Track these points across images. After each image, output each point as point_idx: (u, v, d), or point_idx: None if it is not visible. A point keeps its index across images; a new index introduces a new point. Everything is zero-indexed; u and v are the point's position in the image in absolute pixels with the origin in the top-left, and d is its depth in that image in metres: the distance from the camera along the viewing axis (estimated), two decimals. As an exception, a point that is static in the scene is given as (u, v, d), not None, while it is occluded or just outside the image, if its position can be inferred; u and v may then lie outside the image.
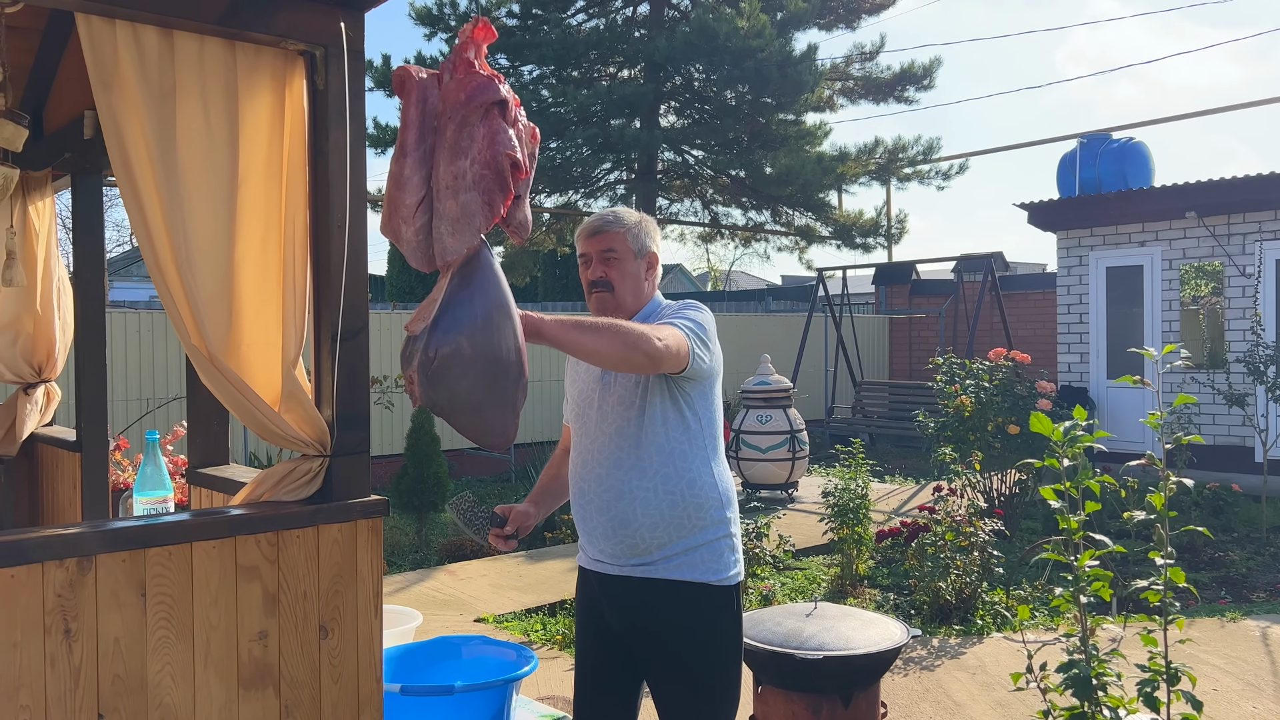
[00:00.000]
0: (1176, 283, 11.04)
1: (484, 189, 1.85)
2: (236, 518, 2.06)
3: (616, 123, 12.59)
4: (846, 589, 5.98)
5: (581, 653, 2.43)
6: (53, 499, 3.83)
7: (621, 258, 2.33)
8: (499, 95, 1.84)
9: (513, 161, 1.85)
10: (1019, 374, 7.33)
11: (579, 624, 2.45)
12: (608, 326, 2.05)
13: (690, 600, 2.24)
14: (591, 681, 2.39)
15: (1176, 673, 2.15)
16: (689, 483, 2.25)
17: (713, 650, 2.25)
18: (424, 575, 6.44)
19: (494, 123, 1.85)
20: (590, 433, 2.33)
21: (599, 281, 2.33)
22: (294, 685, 2.10)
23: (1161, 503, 2.15)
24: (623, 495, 2.24)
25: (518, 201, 1.91)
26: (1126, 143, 11.69)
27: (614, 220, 2.35)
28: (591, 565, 2.39)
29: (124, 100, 1.97)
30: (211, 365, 2.06)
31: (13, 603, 1.78)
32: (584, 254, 2.36)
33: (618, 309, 2.33)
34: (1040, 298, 14.74)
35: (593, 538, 2.33)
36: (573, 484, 2.41)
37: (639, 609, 2.28)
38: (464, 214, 1.85)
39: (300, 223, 2.17)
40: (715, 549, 2.27)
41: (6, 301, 3.75)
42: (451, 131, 1.85)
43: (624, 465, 2.25)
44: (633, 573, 2.27)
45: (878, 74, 13.92)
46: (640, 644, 2.30)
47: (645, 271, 2.37)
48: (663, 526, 2.23)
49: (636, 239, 2.35)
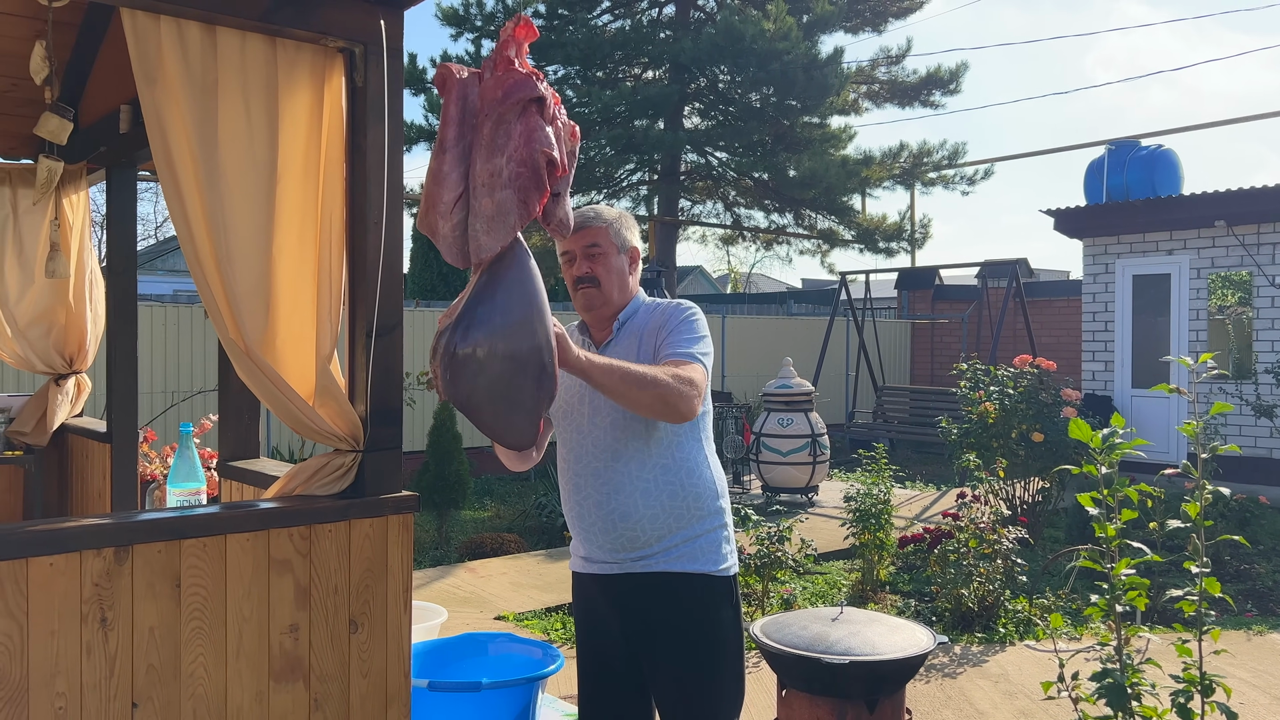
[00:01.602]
0: (1204, 292, 10.93)
1: (520, 186, 1.85)
2: (270, 511, 2.07)
3: (640, 124, 12.59)
4: (867, 594, 5.95)
5: (585, 660, 2.39)
6: (82, 489, 3.87)
7: (606, 253, 2.32)
8: (536, 92, 1.84)
9: (549, 159, 1.85)
10: (1043, 381, 7.28)
11: (579, 630, 2.42)
12: (645, 376, 2.06)
13: (692, 592, 2.24)
14: (599, 690, 2.36)
15: (1211, 684, 2.12)
16: (688, 472, 2.26)
17: (717, 641, 2.25)
18: (444, 572, 6.46)
19: (531, 120, 1.85)
20: (582, 428, 2.31)
21: (585, 278, 2.32)
22: (324, 678, 2.11)
23: (1197, 512, 2.13)
24: (622, 488, 2.23)
25: (556, 199, 1.91)
26: (1156, 150, 11.58)
27: (595, 216, 2.34)
28: (587, 568, 2.36)
29: (167, 94, 1.98)
30: (248, 359, 2.07)
31: (50, 591, 1.80)
32: (567, 251, 2.35)
33: (604, 304, 2.33)
34: (1065, 305, 14.63)
35: (590, 534, 2.30)
36: (566, 483, 2.37)
37: (642, 605, 2.27)
38: (499, 212, 1.85)
39: (337, 219, 2.18)
40: (713, 539, 2.28)
41: (40, 293, 3.79)
42: (489, 129, 1.86)
43: (623, 457, 2.24)
44: (632, 569, 2.26)
45: (904, 78, 13.86)
46: (644, 641, 2.29)
47: (629, 266, 2.37)
48: (663, 518, 2.23)
49: (619, 234, 2.35)
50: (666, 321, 2.29)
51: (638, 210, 14.77)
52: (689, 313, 2.31)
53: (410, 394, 9.05)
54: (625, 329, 2.34)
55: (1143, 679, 2.17)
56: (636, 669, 2.33)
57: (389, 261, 2.18)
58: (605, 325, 2.37)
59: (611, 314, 2.36)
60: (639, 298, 2.40)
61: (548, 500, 8.06)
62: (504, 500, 9.42)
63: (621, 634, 2.31)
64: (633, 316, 2.36)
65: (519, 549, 7.11)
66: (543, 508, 8.05)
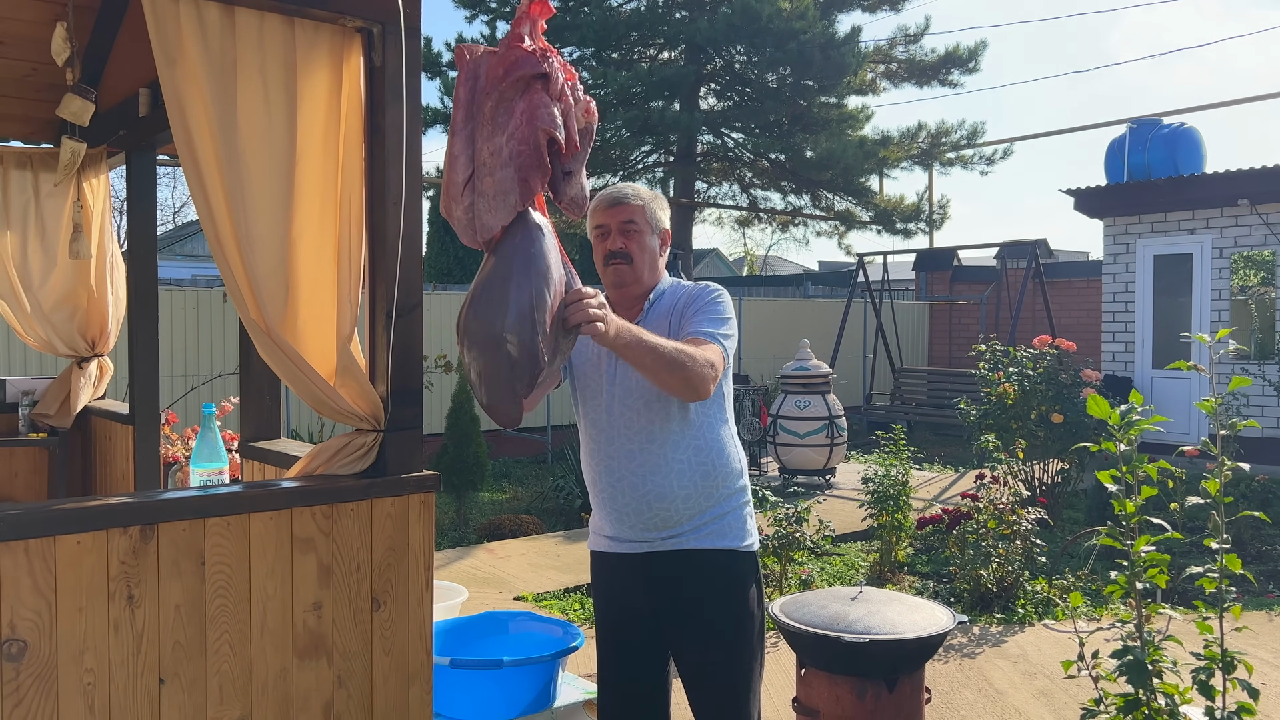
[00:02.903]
0: (1226, 272, 10.81)
1: (520, 165, 1.83)
2: (293, 490, 2.09)
3: (656, 105, 12.54)
4: (885, 575, 5.95)
5: (606, 639, 2.39)
6: (106, 471, 3.91)
7: (641, 230, 2.32)
8: (538, 69, 1.82)
9: (550, 138, 1.83)
10: (1062, 362, 7.24)
11: (600, 611, 2.42)
12: (674, 357, 2.05)
13: (721, 568, 2.27)
14: (618, 668, 2.36)
15: (1233, 660, 2.12)
16: (717, 453, 2.28)
17: (744, 615, 2.27)
18: (464, 553, 6.50)
19: (534, 97, 1.83)
20: (612, 409, 2.30)
21: (618, 253, 2.31)
22: (346, 656, 2.13)
23: (1217, 488, 2.12)
24: (658, 469, 2.24)
25: (569, 177, 1.90)
26: (1178, 128, 11.45)
27: (633, 194, 2.34)
28: (612, 547, 2.35)
29: (186, 75, 1.99)
30: (269, 339, 2.08)
31: (78, 569, 1.82)
32: (601, 225, 2.34)
33: (635, 282, 2.33)
34: (1084, 285, 14.52)
35: (621, 515, 2.29)
36: (595, 464, 2.35)
37: (672, 583, 2.28)
38: (498, 191, 1.84)
39: (356, 199, 2.19)
40: (739, 516, 2.31)
41: (63, 277, 3.83)
42: (490, 107, 1.84)
43: (657, 439, 2.24)
44: (663, 547, 2.27)
45: (922, 57, 13.74)
46: (672, 618, 2.30)
47: (660, 248, 2.37)
48: (696, 497, 2.25)
49: (653, 214, 2.35)
50: (693, 301, 2.30)
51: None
52: (715, 294, 2.31)
53: (428, 377, 9.08)
54: (655, 309, 2.34)
55: (1164, 656, 2.16)
56: (657, 646, 2.34)
57: (408, 241, 2.19)
58: (632, 305, 2.36)
59: (640, 294, 2.35)
60: (666, 279, 2.40)
61: (565, 482, 8.09)
62: (521, 482, 9.46)
63: (648, 611, 2.32)
64: (662, 297, 2.36)
65: (537, 530, 7.15)
66: (560, 490, 8.08)
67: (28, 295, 3.78)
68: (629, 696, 2.35)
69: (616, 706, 2.36)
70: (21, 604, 1.76)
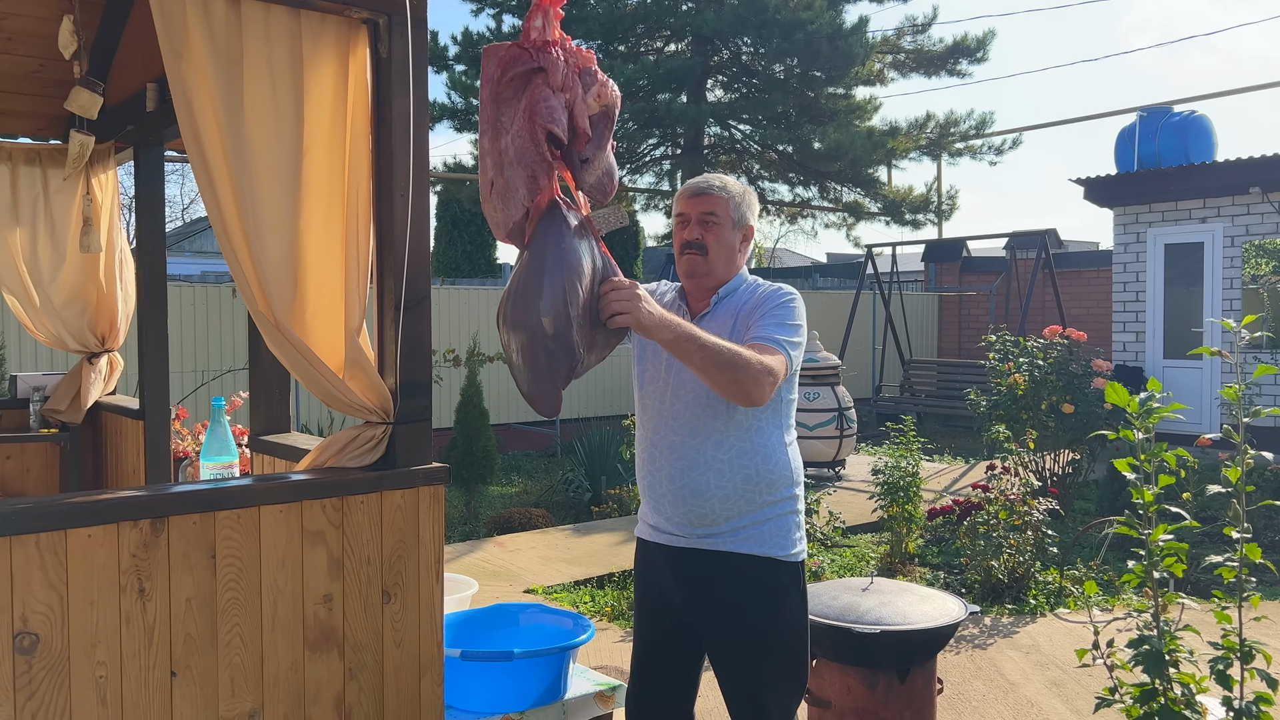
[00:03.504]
0: (1238, 260, 10.75)
1: (525, 163, 1.85)
2: (302, 483, 2.08)
3: (663, 97, 12.51)
4: (896, 567, 5.94)
5: (641, 625, 2.41)
6: (117, 466, 3.92)
7: (721, 223, 2.28)
8: (531, 64, 1.82)
9: (548, 134, 1.83)
10: (1073, 352, 7.21)
11: (638, 596, 2.43)
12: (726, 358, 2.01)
13: (757, 575, 2.21)
14: (651, 654, 2.37)
15: (1251, 650, 2.10)
16: (764, 458, 2.22)
17: (781, 627, 2.21)
18: (473, 546, 6.51)
19: (534, 93, 1.83)
20: (665, 396, 2.28)
21: (693, 243, 2.27)
22: (358, 648, 2.13)
23: (1238, 476, 2.10)
24: (696, 465, 2.21)
25: (587, 165, 1.90)
26: (1189, 116, 11.37)
27: (720, 187, 2.30)
28: (653, 537, 2.35)
29: (193, 68, 1.98)
30: (278, 332, 2.08)
31: (89, 562, 1.82)
32: (682, 214, 2.31)
33: (708, 274, 2.29)
34: (1095, 275, 14.45)
35: (659, 505, 2.29)
36: (642, 450, 2.35)
37: (704, 582, 2.25)
38: (509, 188, 1.86)
39: (363, 191, 2.18)
40: (783, 524, 2.24)
41: (73, 272, 3.83)
42: (492, 109, 1.86)
43: (701, 434, 2.21)
44: (698, 544, 2.24)
45: (930, 46, 13.67)
46: (704, 618, 2.27)
47: (740, 243, 2.32)
48: (734, 499, 2.20)
49: (738, 209, 2.30)
50: (764, 303, 2.24)
51: (661, 185, 14.71)
52: (788, 298, 2.26)
53: (437, 371, 9.09)
54: (723, 304, 2.30)
55: (1180, 646, 2.14)
56: (689, 640, 2.33)
57: (416, 234, 2.18)
58: (704, 296, 2.32)
59: (712, 286, 2.31)
60: (742, 275, 2.36)
61: (574, 476, 8.09)
62: (531, 476, 9.46)
63: (682, 606, 2.30)
64: (733, 293, 2.31)
65: (546, 524, 7.15)
66: (570, 483, 8.08)
67: (38, 291, 3.79)
68: (654, 686, 2.35)
69: (642, 694, 2.36)
70: (33, 597, 1.77)
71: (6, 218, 3.72)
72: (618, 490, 7.46)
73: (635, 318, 1.92)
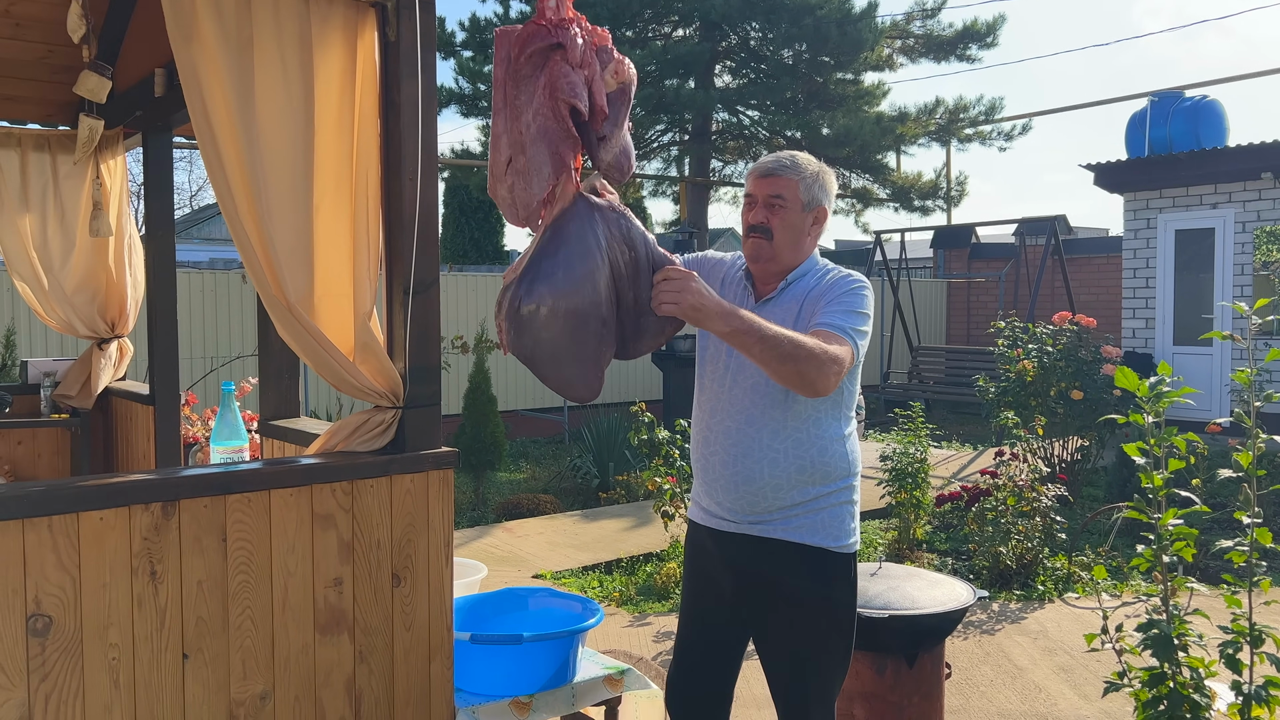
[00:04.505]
0: (1249, 246, 10.68)
1: (549, 140, 1.82)
2: (312, 467, 2.09)
3: (671, 83, 12.45)
4: (904, 553, 5.94)
5: (687, 607, 2.39)
6: (127, 451, 3.94)
7: (788, 206, 2.19)
8: (550, 39, 1.80)
9: (572, 108, 1.81)
10: (1082, 339, 7.18)
11: (686, 578, 2.41)
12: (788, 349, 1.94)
13: (808, 564, 2.18)
14: (696, 637, 2.35)
15: (1261, 634, 2.09)
16: (820, 449, 2.17)
17: (828, 617, 2.19)
18: (482, 532, 6.53)
19: (553, 69, 1.81)
20: (724, 381, 2.24)
21: (758, 227, 2.20)
22: (368, 631, 2.14)
23: (1250, 461, 2.09)
24: (751, 453, 2.16)
25: (604, 142, 1.88)
26: (1200, 101, 11.28)
27: (790, 166, 2.19)
28: (705, 520, 2.32)
29: (203, 52, 1.98)
30: (290, 315, 2.08)
31: (101, 545, 1.83)
32: (750, 195, 2.23)
33: (772, 259, 2.21)
34: (1104, 262, 14.38)
35: (712, 490, 2.26)
36: (698, 432, 2.30)
37: (756, 569, 2.23)
38: (532, 167, 1.84)
39: (372, 175, 2.18)
40: (837, 514, 2.20)
41: (83, 258, 3.84)
42: (511, 87, 1.84)
43: (757, 423, 2.17)
44: (750, 531, 2.21)
45: (939, 31, 13.57)
46: (753, 604, 2.25)
47: (810, 225, 2.23)
48: (787, 489, 2.16)
49: (809, 189, 2.20)
50: (830, 289, 2.18)
51: (668, 171, 14.67)
52: (857, 285, 2.18)
53: (445, 358, 9.10)
54: (790, 290, 2.23)
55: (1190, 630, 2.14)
56: (734, 625, 2.31)
57: (425, 218, 2.18)
58: (770, 280, 2.26)
59: (778, 271, 2.24)
60: (813, 259, 2.28)
61: (582, 462, 8.10)
62: (539, 462, 9.48)
63: (730, 590, 2.28)
64: (801, 278, 2.24)
65: (554, 510, 7.17)
66: (577, 470, 8.10)
67: (49, 276, 3.80)
68: (699, 667, 2.34)
69: (685, 675, 2.35)
70: (46, 580, 1.78)
71: (16, 204, 3.73)
72: (625, 476, 7.48)
73: (683, 310, 1.88)
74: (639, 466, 7.34)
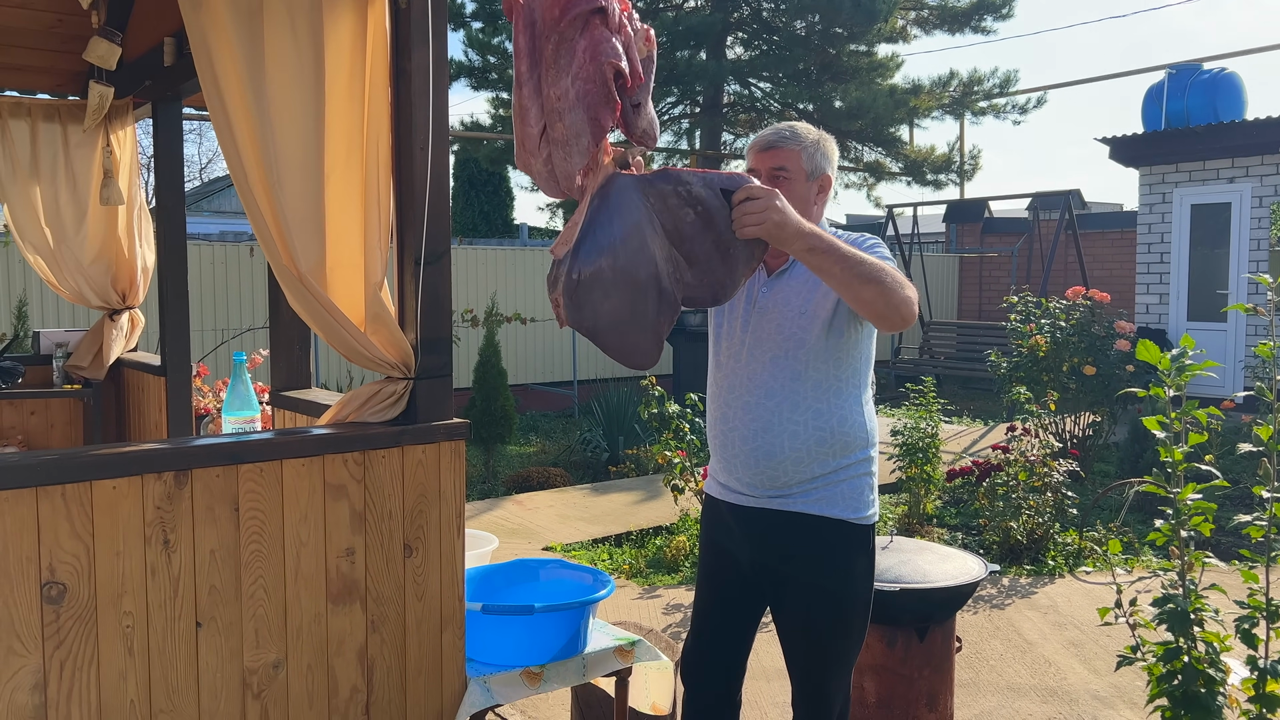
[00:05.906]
0: (1266, 221, 10.58)
1: (588, 105, 1.78)
2: (324, 437, 2.09)
3: (682, 54, 12.34)
4: (914, 528, 5.94)
5: (704, 581, 2.39)
6: (139, 421, 3.95)
7: (793, 178, 2.15)
8: (594, 3, 1.77)
9: (616, 71, 1.78)
10: (1095, 314, 7.13)
11: (703, 552, 2.40)
12: (869, 271, 1.87)
13: (827, 536, 2.17)
14: (712, 610, 2.35)
15: (1277, 610, 2.08)
16: (840, 419, 2.15)
17: (847, 589, 2.18)
18: (492, 505, 6.55)
19: (595, 33, 1.78)
20: (740, 355, 2.21)
21: None
22: (380, 601, 2.14)
23: (1270, 434, 2.07)
24: (771, 427, 2.14)
25: (637, 109, 1.85)
26: (1218, 73, 11.14)
27: (790, 136, 2.17)
28: (722, 495, 2.31)
29: (213, 19, 1.96)
30: (302, 286, 2.07)
31: (115, 513, 1.83)
32: (752, 170, 2.20)
33: None
34: (1118, 237, 14.27)
35: (730, 465, 2.24)
36: (714, 409, 2.28)
37: (773, 542, 2.22)
38: (571, 134, 1.79)
39: (383, 144, 2.16)
40: (855, 486, 2.18)
41: (94, 228, 3.84)
42: (550, 49, 1.80)
43: (776, 396, 2.15)
44: (769, 504, 2.20)
45: (953, 3, 13.40)
46: (770, 577, 2.25)
47: (815, 194, 2.20)
48: (807, 462, 2.14)
49: (811, 159, 2.17)
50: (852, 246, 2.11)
51: (679, 144, 14.58)
52: (875, 243, 2.15)
53: (455, 331, 9.11)
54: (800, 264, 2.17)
55: (1205, 605, 2.13)
56: (751, 599, 2.30)
57: (435, 187, 2.16)
58: (778, 254, 2.20)
59: None
60: (822, 227, 2.18)
61: (592, 436, 8.11)
62: (549, 436, 9.49)
63: (747, 564, 2.27)
64: None
65: (564, 483, 7.19)
66: (587, 443, 8.11)
67: (60, 247, 3.80)
68: (714, 640, 2.34)
69: (701, 648, 2.35)
70: (60, 548, 1.78)
71: (27, 174, 3.72)
72: (635, 450, 7.48)
73: (766, 230, 1.83)
74: (649, 440, 7.35)
